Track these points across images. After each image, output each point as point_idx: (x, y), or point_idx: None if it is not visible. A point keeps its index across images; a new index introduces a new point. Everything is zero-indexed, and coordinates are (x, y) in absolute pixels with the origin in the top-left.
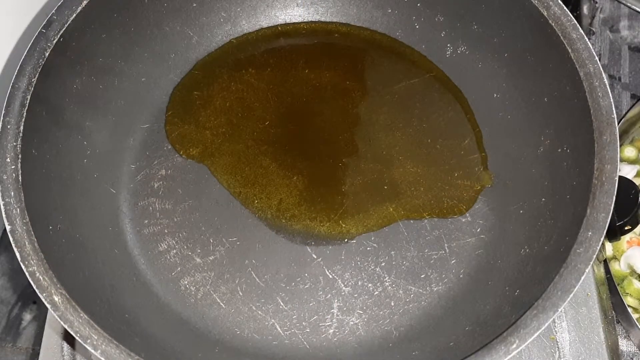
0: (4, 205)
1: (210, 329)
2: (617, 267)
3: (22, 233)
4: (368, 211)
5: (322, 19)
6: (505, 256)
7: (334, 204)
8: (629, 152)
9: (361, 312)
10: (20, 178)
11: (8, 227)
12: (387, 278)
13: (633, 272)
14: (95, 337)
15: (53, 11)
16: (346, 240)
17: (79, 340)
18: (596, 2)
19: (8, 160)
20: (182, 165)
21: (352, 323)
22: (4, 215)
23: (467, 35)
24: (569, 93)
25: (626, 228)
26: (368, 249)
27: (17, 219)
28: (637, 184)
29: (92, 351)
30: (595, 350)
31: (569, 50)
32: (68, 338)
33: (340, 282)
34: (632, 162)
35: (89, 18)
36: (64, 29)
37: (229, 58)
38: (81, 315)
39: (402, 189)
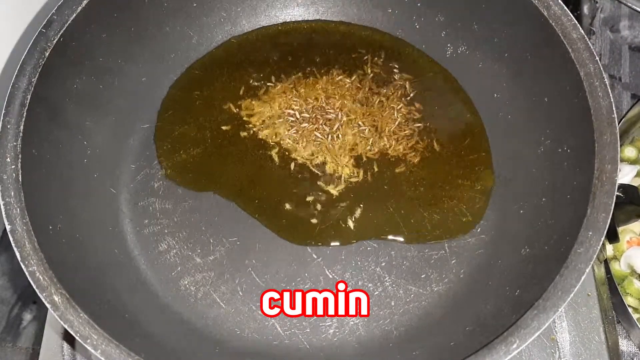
0: (4, 205)
1: (210, 329)
2: (618, 267)
3: (22, 233)
4: (368, 211)
5: (323, 18)
6: (505, 256)
7: (334, 204)
8: (630, 152)
9: None
10: (20, 178)
11: (8, 227)
12: (387, 278)
13: (633, 272)
14: (95, 337)
15: (53, 11)
16: (346, 240)
17: (79, 340)
18: (597, 2)
19: (8, 160)
20: (182, 165)
21: (352, 323)
22: (4, 215)
23: (468, 35)
24: (570, 93)
25: None
26: (368, 249)
27: (17, 219)
28: (637, 184)
29: (92, 351)
30: (595, 350)
31: (570, 50)
32: (68, 338)
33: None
34: (632, 162)
35: (89, 18)
36: (64, 28)
37: (229, 58)
38: (81, 315)
39: (403, 189)
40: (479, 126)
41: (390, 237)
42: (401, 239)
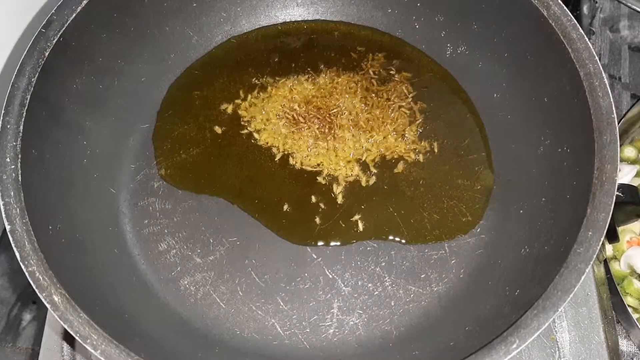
0: (3, 205)
1: (210, 329)
2: (617, 267)
3: (22, 233)
4: (368, 211)
5: (322, 18)
6: (505, 256)
7: (334, 204)
8: (629, 152)
9: (361, 312)
10: (20, 178)
11: (8, 227)
12: (387, 278)
13: (633, 272)
14: (95, 337)
15: (53, 11)
16: (346, 240)
17: (79, 340)
18: (596, 2)
19: (8, 160)
20: (181, 165)
21: (352, 323)
22: (3, 215)
23: (467, 35)
24: (569, 93)
25: None
26: (368, 248)
27: (17, 219)
28: (637, 184)
29: (92, 351)
30: (595, 350)
31: (569, 50)
32: (68, 338)
33: (340, 282)
34: (632, 162)
35: (89, 18)
36: (63, 28)
37: (228, 58)
38: (81, 315)
39: (402, 189)
40: (479, 126)
41: (390, 237)
42: (401, 239)
